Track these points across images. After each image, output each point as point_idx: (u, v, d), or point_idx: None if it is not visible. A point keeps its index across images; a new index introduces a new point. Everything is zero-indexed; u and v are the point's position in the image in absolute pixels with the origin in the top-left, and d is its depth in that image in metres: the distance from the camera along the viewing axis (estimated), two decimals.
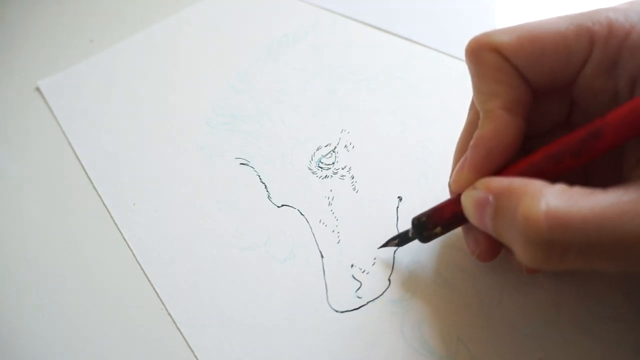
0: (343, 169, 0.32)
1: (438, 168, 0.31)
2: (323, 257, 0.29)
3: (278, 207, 0.31)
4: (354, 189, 0.31)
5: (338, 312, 0.27)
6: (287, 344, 0.26)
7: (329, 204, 0.31)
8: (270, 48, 0.40)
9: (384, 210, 0.30)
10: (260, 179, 0.32)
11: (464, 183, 0.23)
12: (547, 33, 0.21)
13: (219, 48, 0.41)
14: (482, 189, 0.21)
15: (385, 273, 0.28)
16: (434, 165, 0.31)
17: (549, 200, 0.18)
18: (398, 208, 0.30)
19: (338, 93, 0.36)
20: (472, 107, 0.25)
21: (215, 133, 0.35)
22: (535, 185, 0.19)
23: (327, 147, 0.33)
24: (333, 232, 0.29)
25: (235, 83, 0.38)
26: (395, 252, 0.28)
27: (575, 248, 0.18)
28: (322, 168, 0.32)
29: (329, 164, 0.32)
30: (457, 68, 0.37)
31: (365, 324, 0.26)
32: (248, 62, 0.40)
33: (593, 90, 0.22)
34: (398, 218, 0.30)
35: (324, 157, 0.33)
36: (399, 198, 0.30)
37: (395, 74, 0.37)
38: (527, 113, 0.23)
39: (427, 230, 0.25)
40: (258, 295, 0.28)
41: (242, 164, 0.33)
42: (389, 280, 0.27)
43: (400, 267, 0.28)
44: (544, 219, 0.17)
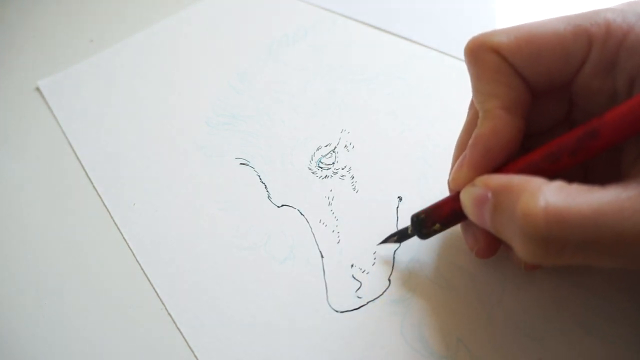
0: (343, 169, 0.32)
1: (438, 168, 0.31)
2: (323, 257, 0.29)
3: (278, 207, 0.31)
4: (354, 189, 0.31)
5: (338, 312, 0.27)
6: (287, 344, 0.26)
7: (329, 204, 0.31)
8: (270, 48, 0.40)
9: (384, 210, 0.30)
10: (260, 179, 0.32)
11: (463, 181, 0.23)
12: (545, 34, 0.21)
13: (219, 48, 0.41)
14: (481, 186, 0.21)
15: (385, 273, 0.28)
16: (434, 165, 0.31)
17: (548, 197, 0.18)
18: (398, 208, 0.30)
19: (338, 93, 0.36)
20: (471, 106, 0.26)
21: (215, 133, 0.35)
22: (534, 182, 0.19)
23: (327, 147, 0.33)
24: (333, 232, 0.29)
25: (235, 83, 0.38)
26: (395, 252, 0.28)
27: (573, 244, 0.18)
28: (322, 168, 0.32)
29: (329, 164, 0.33)
30: (457, 68, 0.37)
31: (365, 324, 0.26)
32: (248, 62, 0.40)
33: (591, 91, 0.22)
34: (398, 218, 0.30)
35: (324, 157, 0.33)
36: (399, 198, 0.30)
37: (395, 74, 0.37)
38: (526, 112, 0.23)
39: (426, 227, 0.25)
40: (258, 295, 0.28)
41: (242, 164, 0.33)
42: (389, 280, 0.27)
43: (400, 267, 0.28)
44: (543, 215, 0.18)
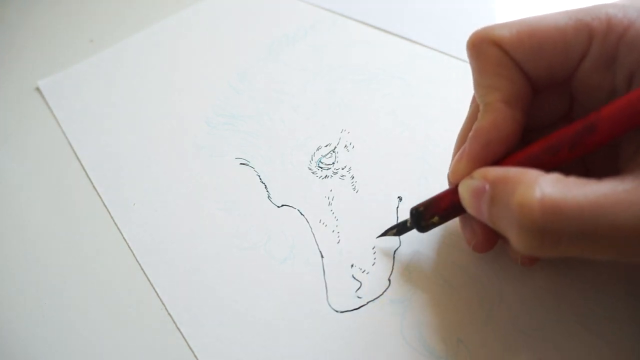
0: (343, 169, 0.32)
1: (438, 168, 0.31)
2: (323, 257, 0.29)
3: (278, 207, 0.31)
4: (354, 189, 0.31)
5: (338, 312, 0.27)
6: (287, 344, 0.26)
7: (329, 204, 0.31)
8: (270, 48, 0.40)
9: (384, 210, 0.30)
10: (260, 179, 0.32)
11: (462, 173, 0.23)
12: (546, 28, 0.21)
13: (219, 48, 0.41)
14: (479, 178, 0.21)
15: (385, 273, 0.28)
16: (434, 165, 0.31)
17: (544, 188, 0.18)
18: (398, 208, 0.30)
19: (338, 93, 0.36)
20: (473, 100, 0.26)
21: (215, 133, 0.35)
22: (531, 174, 0.19)
23: (327, 147, 0.33)
24: (333, 232, 0.29)
25: (235, 83, 0.38)
26: (395, 252, 0.28)
27: (569, 236, 0.18)
28: (322, 168, 0.32)
29: (329, 164, 0.32)
30: (457, 68, 0.37)
31: (365, 324, 0.26)
32: (248, 62, 0.40)
33: (591, 85, 0.22)
34: (398, 218, 0.30)
35: (324, 157, 0.33)
36: (399, 198, 0.30)
37: (395, 74, 0.37)
38: (526, 106, 0.23)
39: (424, 220, 0.25)
40: (258, 295, 0.28)
41: (242, 164, 0.33)
42: (389, 280, 0.27)
43: (400, 267, 0.28)
44: (539, 206, 0.18)
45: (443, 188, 0.26)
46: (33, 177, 0.35)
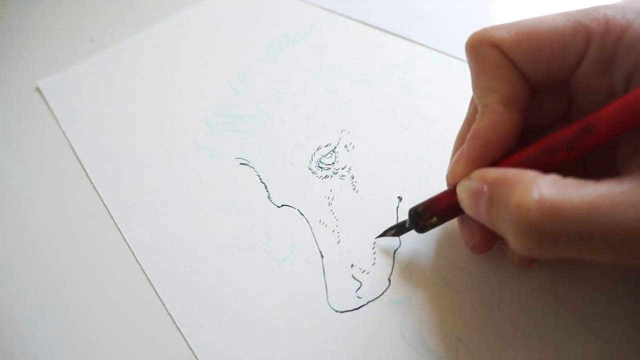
0: (343, 169, 0.32)
1: (438, 168, 0.31)
2: (323, 257, 0.29)
3: (278, 207, 0.31)
4: (354, 189, 0.31)
5: (338, 312, 0.27)
6: (287, 344, 0.26)
7: (329, 204, 0.31)
8: (270, 48, 0.40)
9: (384, 210, 0.30)
10: (260, 179, 0.32)
11: (460, 174, 0.23)
12: (544, 29, 0.22)
13: (219, 48, 0.41)
14: (477, 180, 0.22)
15: (385, 273, 0.28)
16: (434, 165, 0.31)
17: (542, 190, 0.18)
18: (398, 208, 0.30)
19: (338, 93, 0.36)
20: (472, 101, 0.26)
21: (215, 133, 0.35)
22: (529, 175, 0.19)
23: (327, 147, 0.33)
24: (333, 232, 0.29)
25: (235, 83, 0.38)
26: (396, 252, 0.28)
27: (566, 237, 0.18)
28: (322, 168, 0.32)
29: (329, 164, 0.33)
30: (457, 68, 0.37)
31: (365, 324, 0.26)
32: (248, 62, 0.40)
33: (589, 87, 0.22)
34: (398, 218, 0.30)
35: (324, 157, 0.33)
36: (399, 198, 0.30)
37: (395, 74, 0.37)
38: (524, 108, 0.23)
39: (423, 220, 0.26)
40: (258, 295, 0.28)
41: (242, 164, 0.33)
42: (389, 280, 0.27)
43: (401, 267, 0.28)
44: (536, 207, 0.18)
45: (443, 188, 0.26)
46: (33, 177, 0.35)
